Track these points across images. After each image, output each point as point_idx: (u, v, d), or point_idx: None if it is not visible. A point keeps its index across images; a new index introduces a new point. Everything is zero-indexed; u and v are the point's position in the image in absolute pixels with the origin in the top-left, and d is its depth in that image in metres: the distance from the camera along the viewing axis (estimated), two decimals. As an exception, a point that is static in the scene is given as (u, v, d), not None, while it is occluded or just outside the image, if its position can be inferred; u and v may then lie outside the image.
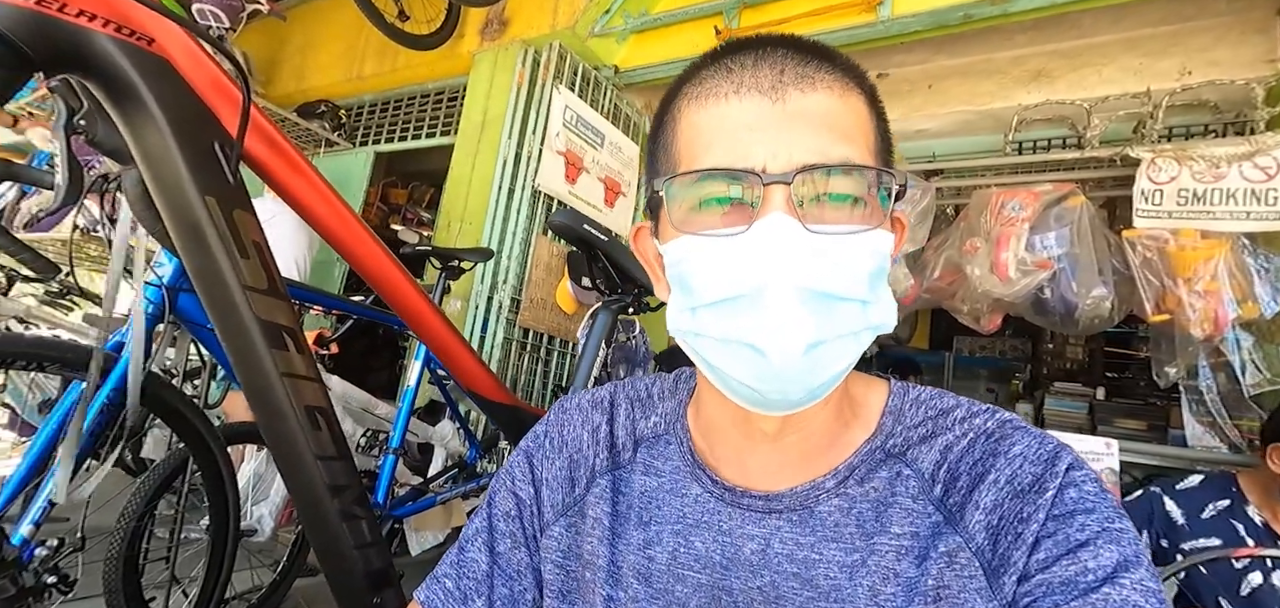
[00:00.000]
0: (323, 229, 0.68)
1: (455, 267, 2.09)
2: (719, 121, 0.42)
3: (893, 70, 2.70)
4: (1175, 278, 2.13)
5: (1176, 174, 2.13)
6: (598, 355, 1.43)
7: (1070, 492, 0.41)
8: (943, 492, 0.44)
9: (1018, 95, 2.50)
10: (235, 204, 0.59)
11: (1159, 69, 2.27)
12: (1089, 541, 0.39)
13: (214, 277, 0.58)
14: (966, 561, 0.41)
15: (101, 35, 0.49)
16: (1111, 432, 3.18)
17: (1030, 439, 0.44)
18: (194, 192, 0.55)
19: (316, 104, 3.72)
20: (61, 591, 1.14)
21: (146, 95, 0.52)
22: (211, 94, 0.58)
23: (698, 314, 0.43)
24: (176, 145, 0.53)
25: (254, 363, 0.61)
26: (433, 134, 3.50)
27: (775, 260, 0.39)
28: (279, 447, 0.64)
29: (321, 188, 0.66)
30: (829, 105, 0.41)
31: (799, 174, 0.39)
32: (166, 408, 1.30)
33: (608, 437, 0.54)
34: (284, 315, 0.63)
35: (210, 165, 0.56)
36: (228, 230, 0.58)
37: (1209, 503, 1.60)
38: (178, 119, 0.54)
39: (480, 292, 2.59)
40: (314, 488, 0.64)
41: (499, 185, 2.62)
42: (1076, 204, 2.37)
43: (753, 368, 0.41)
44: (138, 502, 1.48)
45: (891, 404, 0.49)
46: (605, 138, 2.93)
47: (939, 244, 2.68)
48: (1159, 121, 2.23)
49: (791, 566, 0.44)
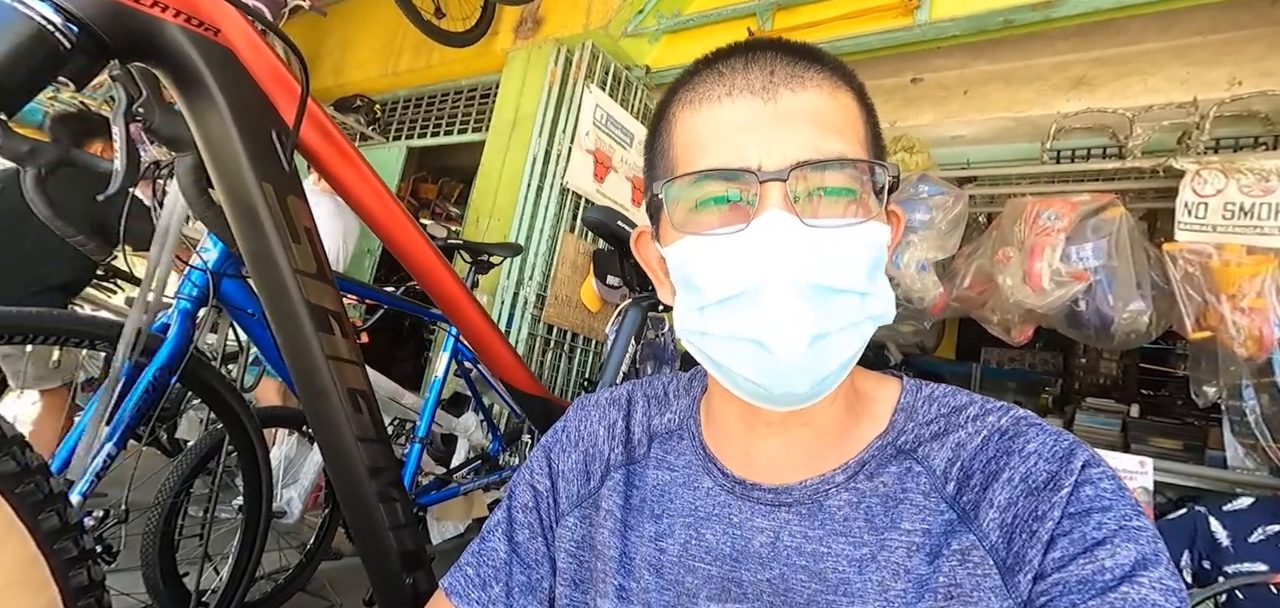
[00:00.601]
0: (369, 217, 0.70)
1: (484, 261, 2.11)
2: (713, 124, 0.43)
3: (928, 75, 2.67)
4: (1218, 294, 2.07)
5: (1223, 187, 2.07)
6: (627, 351, 1.44)
7: (1086, 489, 0.41)
8: (956, 489, 0.44)
9: (1057, 103, 2.44)
10: (289, 190, 0.61)
11: (1207, 78, 2.20)
12: (1106, 538, 0.39)
13: (268, 260, 0.60)
14: (980, 559, 0.41)
15: (172, 25, 0.51)
16: (1146, 450, 3.09)
17: (1045, 436, 0.44)
18: (252, 178, 0.57)
19: (353, 98, 3.80)
20: (105, 560, 1.18)
21: (211, 84, 0.55)
22: (271, 84, 0.60)
23: (704, 314, 0.43)
24: (237, 133, 0.56)
25: (302, 344, 0.63)
26: (464, 130, 3.55)
27: (774, 256, 0.40)
28: (322, 427, 0.66)
29: (369, 177, 0.68)
30: (820, 103, 0.42)
31: (794, 170, 0.40)
32: (206, 388, 1.34)
33: (623, 432, 0.55)
34: (331, 300, 0.65)
35: (268, 153, 0.58)
36: (282, 215, 0.60)
37: (1259, 526, 1.55)
38: (239, 107, 0.56)
39: (506, 287, 2.61)
40: (354, 468, 0.65)
41: (528, 182, 2.64)
42: (1115, 215, 2.31)
43: (758, 364, 0.42)
44: (175, 479, 1.54)
45: (904, 401, 0.49)
46: (634, 137, 2.94)
47: (970, 252, 2.64)
48: (1206, 132, 2.16)
49: (800, 558, 0.45)
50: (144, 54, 0.54)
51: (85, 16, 0.48)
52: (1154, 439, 3.39)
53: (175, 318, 1.25)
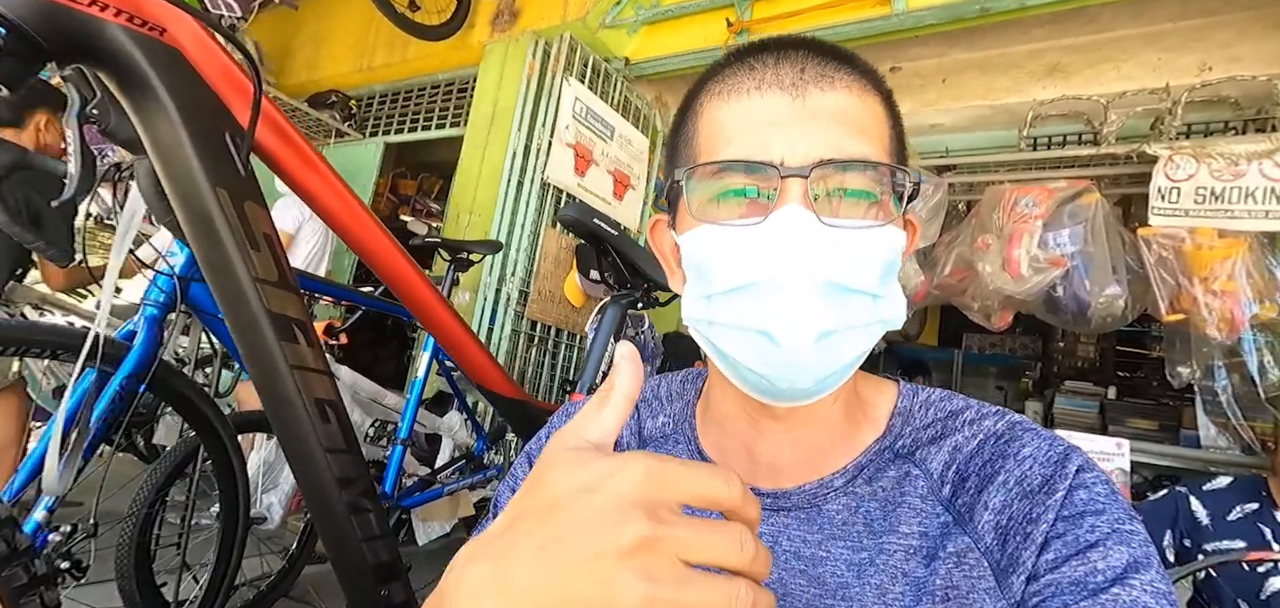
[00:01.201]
0: (333, 222, 0.67)
1: (464, 259, 2.09)
2: (741, 116, 0.43)
3: (906, 64, 2.68)
4: (1191, 277, 2.10)
5: (1194, 172, 2.10)
6: (606, 349, 1.43)
7: (1080, 493, 0.41)
8: (951, 492, 0.44)
9: (1033, 90, 2.46)
10: (246, 196, 0.59)
11: (1179, 64, 2.23)
12: (1099, 541, 0.39)
13: (225, 269, 0.58)
14: (975, 561, 0.42)
15: (113, 25, 0.49)
16: (1123, 432, 3.15)
17: (1040, 441, 0.44)
18: (205, 183, 0.55)
19: (327, 94, 3.73)
20: (74, 576, 1.15)
21: (158, 86, 0.52)
22: (223, 85, 0.58)
23: (713, 302, 0.44)
24: (188, 136, 0.53)
25: (264, 355, 0.61)
26: (443, 125, 3.50)
27: (790, 251, 0.40)
28: (288, 439, 0.64)
29: (332, 180, 0.66)
30: (847, 104, 0.42)
31: (816, 168, 0.40)
32: (176, 396, 1.31)
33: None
34: (294, 308, 0.62)
35: (221, 157, 0.56)
36: (239, 223, 0.57)
37: (1237, 505, 1.58)
38: (189, 110, 0.54)
39: (489, 284, 2.59)
40: (322, 480, 0.64)
41: (508, 177, 2.61)
42: (1091, 201, 2.34)
43: (764, 355, 0.42)
44: (149, 489, 1.50)
45: (901, 406, 0.49)
46: (615, 130, 2.91)
47: (950, 240, 2.66)
48: (1178, 118, 2.19)
49: (799, 562, 0.45)
50: (83, 56, 0.51)
51: (15, 17, 0.45)
52: (1131, 421, 3.45)
53: (141, 324, 1.22)
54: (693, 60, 2.75)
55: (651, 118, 3.17)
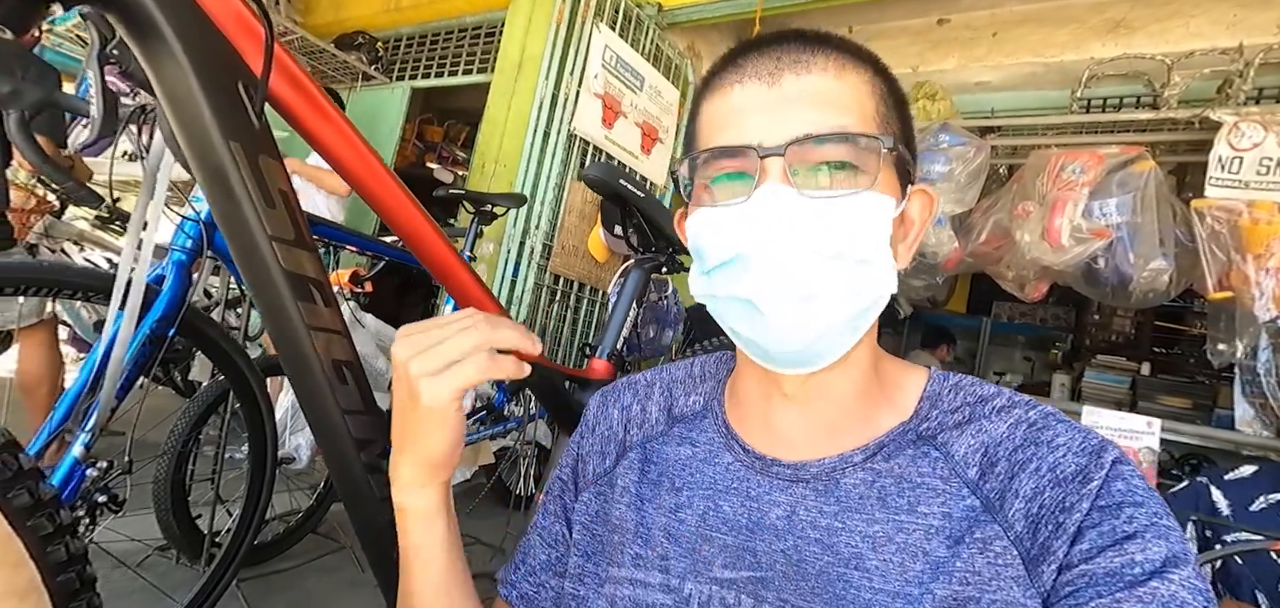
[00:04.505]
0: (350, 177, 0.65)
1: (488, 211, 2.07)
2: (726, 109, 0.47)
3: (955, 15, 2.53)
4: (1244, 253, 1.99)
5: (1260, 140, 1.96)
6: (628, 315, 1.41)
7: (1118, 484, 0.41)
8: (979, 474, 0.45)
9: (1092, 47, 2.31)
10: (261, 149, 0.57)
11: (1256, 21, 2.06)
12: (1137, 533, 0.39)
13: (240, 225, 0.57)
14: (1002, 549, 0.42)
15: (119, -35, 0.47)
16: (1153, 409, 3.06)
17: (1074, 432, 0.44)
18: (219, 136, 0.53)
19: (354, 35, 3.68)
20: (112, 509, 1.20)
21: (167, 30, 0.50)
22: (235, 30, 0.55)
23: (711, 277, 0.47)
24: (199, 86, 0.51)
25: (281, 314, 0.60)
26: (469, 71, 3.45)
27: (769, 223, 0.43)
28: (306, 399, 0.63)
29: (348, 134, 0.63)
30: (823, 85, 0.45)
31: (791, 146, 0.43)
32: (206, 340, 1.33)
33: (639, 416, 0.59)
34: (311, 267, 0.61)
35: (235, 108, 0.54)
36: (254, 178, 0.56)
37: (1260, 496, 1.54)
38: (201, 58, 0.52)
39: (512, 236, 2.57)
40: (340, 441, 0.64)
41: (534, 128, 2.56)
42: (1144, 169, 2.22)
43: (752, 322, 0.45)
44: (183, 427, 1.56)
45: (930, 390, 0.50)
46: (645, 80, 2.83)
47: (988, 207, 2.55)
48: (1249, 81, 2.04)
49: (815, 532, 0.46)
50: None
51: (19, -43, 0.43)
52: (1163, 398, 3.35)
53: (170, 269, 1.23)
54: (728, 7, 2.63)
55: (683, 68, 3.07)
